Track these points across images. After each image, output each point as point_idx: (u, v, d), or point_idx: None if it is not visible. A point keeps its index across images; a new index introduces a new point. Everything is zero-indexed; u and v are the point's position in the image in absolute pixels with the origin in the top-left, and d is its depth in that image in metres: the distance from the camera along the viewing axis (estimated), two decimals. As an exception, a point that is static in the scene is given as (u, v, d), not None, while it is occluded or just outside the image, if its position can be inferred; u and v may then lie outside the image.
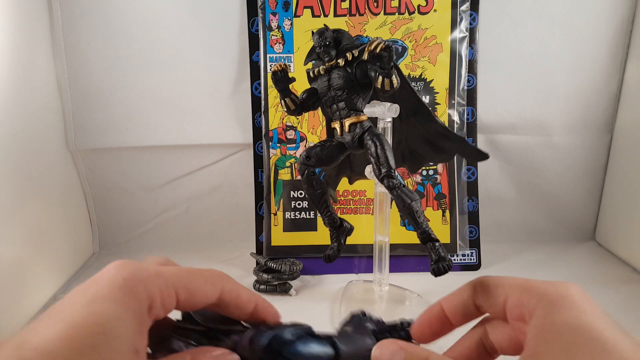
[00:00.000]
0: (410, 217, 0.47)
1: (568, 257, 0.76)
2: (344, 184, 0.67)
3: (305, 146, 0.72)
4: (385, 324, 0.29)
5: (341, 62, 0.51)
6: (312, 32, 0.53)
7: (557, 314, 0.21)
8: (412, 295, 0.61)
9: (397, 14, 0.70)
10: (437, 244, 0.46)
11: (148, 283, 0.22)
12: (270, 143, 0.73)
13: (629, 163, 0.72)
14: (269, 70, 0.72)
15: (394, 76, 0.48)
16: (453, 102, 0.71)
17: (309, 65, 0.57)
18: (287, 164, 0.73)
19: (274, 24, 0.71)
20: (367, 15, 0.70)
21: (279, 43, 0.71)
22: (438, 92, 0.71)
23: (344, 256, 0.68)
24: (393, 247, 0.69)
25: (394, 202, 0.49)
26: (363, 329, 0.28)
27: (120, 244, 0.83)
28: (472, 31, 0.71)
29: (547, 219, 0.81)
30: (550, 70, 0.74)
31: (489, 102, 0.75)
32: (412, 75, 0.71)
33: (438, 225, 0.72)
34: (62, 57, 0.72)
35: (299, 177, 0.59)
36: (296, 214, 0.73)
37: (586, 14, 0.72)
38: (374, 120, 0.53)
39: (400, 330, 0.29)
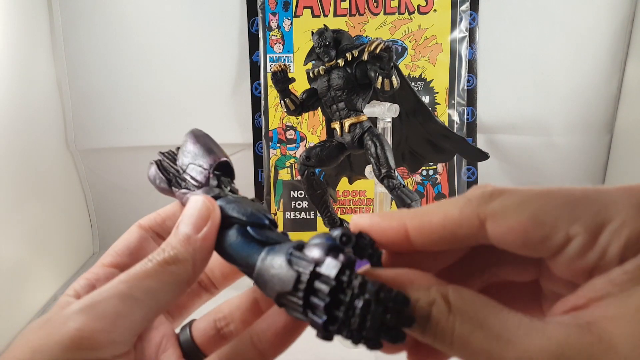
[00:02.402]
0: (410, 218, 0.47)
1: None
2: (344, 184, 0.67)
3: (305, 146, 0.72)
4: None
5: (341, 62, 0.51)
6: (312, 33, 0.53)
7: None
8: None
9: (397, 14, 0.70)
10: (437, 244, 0.46)
11: None
12: (270, 143, 0.73)
13: (629, 163, 0.72)
14: (269, 71, 0.72)
15: (393, 76, 0.48)
16: (453, 102, 0.71)
17: (309, 65, 0.57)
18: (287, 164, 0.73)
19: (273, 24, 0.71)
20: (367, 15, 0.70)
21: (279, 43, 0.71)
22: (438, 92, 0.71)
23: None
24: (393, 247, 0.69)
25: (394, 202, 0.49)
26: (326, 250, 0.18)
27: (120, 244, 0.82)
28: (472, 31, 0.71)
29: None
30: (550, 70, 0.74)
31: (489, 102, 0.74)
32: (412, 75, 0.71)
33: (438, 225, 0.72)
34: (62, 57, 0.72)
35: (299, 177, 0.59)
36: (296, 214, 0.73)
37: (586, 14, 0.72)
38: (373, 121, 0.53)
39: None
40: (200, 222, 0.21)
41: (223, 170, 0.26)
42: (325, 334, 0.17)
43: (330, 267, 0.17)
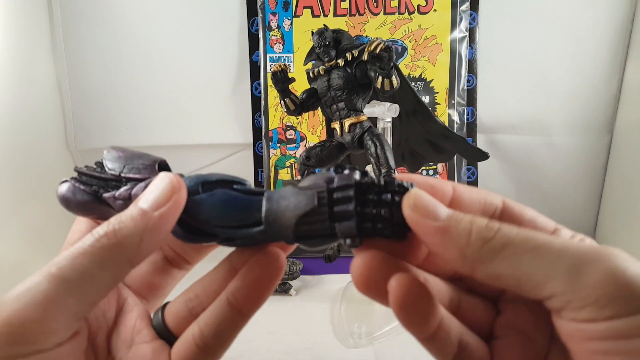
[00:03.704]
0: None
1: (568, 257, 0.75)
2: (344, 184, 0.67)
3: (305, 146, 0.72)
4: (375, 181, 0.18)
5: (341, 62, 0.51)
6: (312, 32, 0.54)
7: None
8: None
9: (397, 14, 0.70)
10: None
11: None
12: (270, 143, 0.73)
13: (629, 163, 0.72)
14: (269, 70, 0.72)
15: (393, 76, 0.48)
16: (453, 102, 0.71)
17: (309, 65, 0.57)
18: (287, 164, 0.73)
19: (273, 24, 0.71)
20: (367, 15, 0.70)
21: (279, 43, 0.71)
22: (438, 92, 0.71)
23: (344, 256, 0.67)
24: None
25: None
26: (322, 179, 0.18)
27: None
28: (472, 31, 0.71)
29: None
30: (550, 70, 0.74)
31: (489, 102, 0.74)
32: (412, 75, 0.71)
33: (438, 225, 0.72)
34: (62, 57, 0.72)
35: (299, 177, 0.59)
36: (296, 214, 0.73)
37: (586, 14, 0.72)
38: (373, 120, 0.53)
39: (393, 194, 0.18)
40: (162, 199, 0.19)
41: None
42: (359, 235, 0.17)
43: (344, 178, 0.18)
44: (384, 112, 0.51)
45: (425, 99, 0.71)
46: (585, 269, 0.15)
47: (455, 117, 0.71)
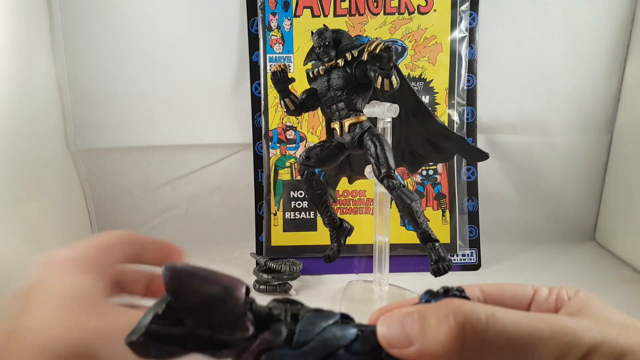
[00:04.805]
0: (410, 217, 0.47)
1: (568, 257, 0.76)
2: (344, 184, 0.67)
3: (305, 146, 0.72)
4: None
5: (341, 62, 0.51)
6: (312, 32, 0.53)
7: None
8: (412, 295, 0.61)
9: (396, 14, 0.70)
10: (437, 244, 0.46)
11: None
12: (270, 143, 0.73)
13: (629, 163, 0.72)
14: (268, 71, 0.72)
15: (393, 76, 0.48)
16: (453, 102, 0.71)
17: (309, 65, 0.57)
18: (287, 164, 0.73)
19: (273, 24, 0.71)
20: (366, 15, 0.70)
21: (279, 43, 0.71)
22: (438, 92, 0.71)
23: (344, 256, 0.67)
24: (393, 247, 0.69)
25: (393, 202, 0.49)
26: None
27: (120, 244, 0.82)
28: (472, 31, 0.71)
29: (547, 219, 0.81)
30: (550, 70, 0.74)
31: (489, 102, 0.74)
32: (412, 75, 0.71)
33: (438, 225, 0.72)
34: (62, 57, 0.72)
35: (298, 177, 0.59)
36: (296, 214, 0.73)
37: (586, 14, 0.72)
38: (373, 121, 0.53)
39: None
40: None
41: None
42: None
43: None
44: (384, 112, 0.51)
45: (425, 99, 0.71)
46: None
47: (455, 117, 0.71)
